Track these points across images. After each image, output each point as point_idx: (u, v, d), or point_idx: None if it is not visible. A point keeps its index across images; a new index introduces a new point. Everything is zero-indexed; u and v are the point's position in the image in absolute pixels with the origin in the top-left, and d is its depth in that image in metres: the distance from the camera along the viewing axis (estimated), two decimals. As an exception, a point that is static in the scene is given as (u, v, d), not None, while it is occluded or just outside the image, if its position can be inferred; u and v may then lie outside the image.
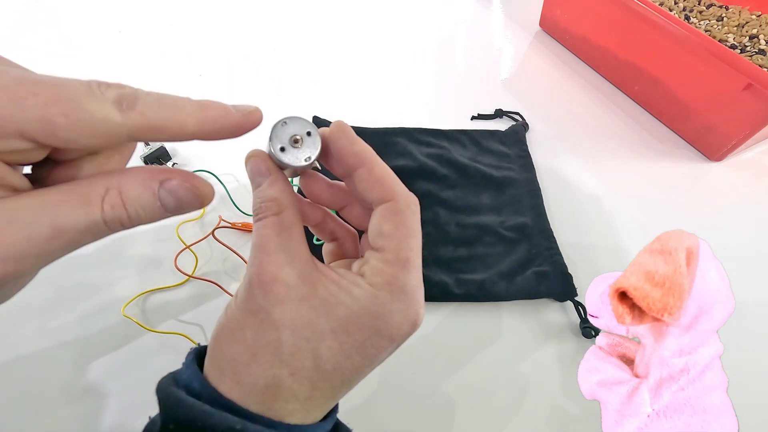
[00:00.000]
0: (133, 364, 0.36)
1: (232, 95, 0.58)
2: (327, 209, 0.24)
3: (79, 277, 0.40)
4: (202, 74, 0.61)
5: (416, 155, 0.50)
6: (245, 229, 0.43)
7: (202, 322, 0.38)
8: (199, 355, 0.20)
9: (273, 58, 0.65)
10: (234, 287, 0.40)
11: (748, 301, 0.41)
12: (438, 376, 0.36)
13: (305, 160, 0.19)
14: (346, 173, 0.21)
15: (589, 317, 0.31)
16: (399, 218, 0.20)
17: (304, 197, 0.24)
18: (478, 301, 0.40)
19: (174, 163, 0.48)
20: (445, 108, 0.59)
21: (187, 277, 0.40)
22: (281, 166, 0.20)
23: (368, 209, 0.21)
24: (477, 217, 0.46)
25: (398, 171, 0.48)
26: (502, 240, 0.44)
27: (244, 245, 0.42)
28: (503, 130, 0.56)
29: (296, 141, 0.19)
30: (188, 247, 0.41)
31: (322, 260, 0.23)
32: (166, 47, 0.65)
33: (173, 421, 0.17)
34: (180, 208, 0.17)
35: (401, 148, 0.51)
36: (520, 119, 0.57)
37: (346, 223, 0.24)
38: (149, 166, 0.17)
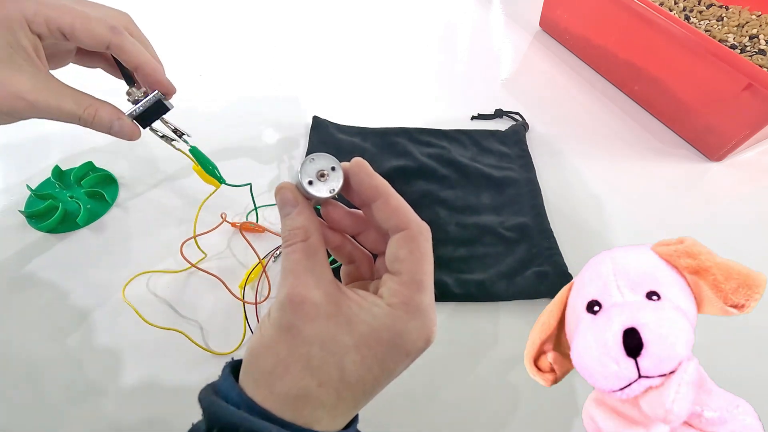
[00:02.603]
0: (132, 363, 0.36)
1: (232, 95, 0.58)
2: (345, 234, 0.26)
3: (80, 276, 0.40)
4: (202, 74, 0.61)
5: (416, 155, 0.50)
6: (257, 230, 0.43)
7: (200, 317, 0.38)
8: (233, 368, 0.22)
9: (273, 58, 0.65)
10: (234, 286, 0.40)
11: (748, 301, 0.42)
12: (438, 377, 0.36)
13: (329, 192, 0.22)
14: (364, 203, 0.23)
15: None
16: (413, 244, 0.21)
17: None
18: (478, 301, 0.40)
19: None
20: (445, 108, 0.59)
21: (190, 266, 0.40)
22: (307, 197, 0.22)
23: (383, 235, 0.23)
24: (477, 217, 0.46)
25: (398, 171, 0.49)
26: (502, 240, 0.44)
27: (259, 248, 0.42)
28: (503, 130, 0.56)
29: (322, 175, 0.22)
30: (194, 237, 0.41)
31: (340, 280, 0.25)
32: (166, 47, 0.64)
33: (217, 425, 0.18)
34: (118, 134, 0.32)
35: (401, 148, 0.51)
36: (520, 119, 0.57)
37: (362, 247, 0.26)
38: (114, 107, 0.31)
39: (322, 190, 0.22)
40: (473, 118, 0.58)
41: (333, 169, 0.22)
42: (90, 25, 0.28)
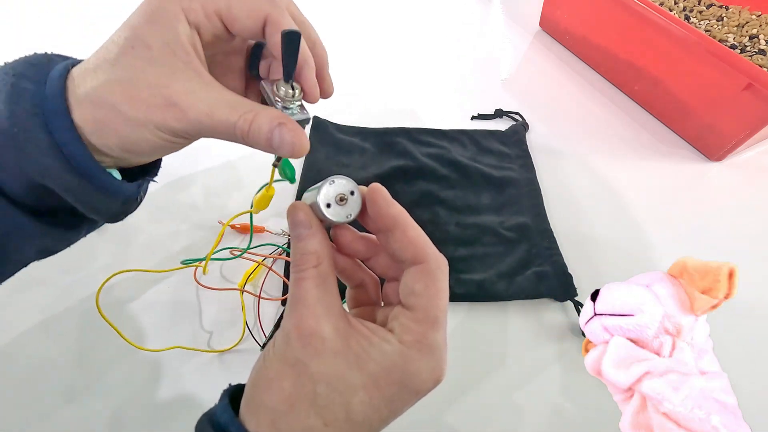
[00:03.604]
0: (132, 363, 0.36)
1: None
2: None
3: (80, 276, 0.40)
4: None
5: (416, 155, 0.50)
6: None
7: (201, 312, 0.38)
8: (232, 395, 0.21)
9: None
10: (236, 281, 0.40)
11: (749, 301, 0.41)
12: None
13: (347, 217, 0.21)
14: (379, 230, 0.22)
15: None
16: (430, 279, 0.21)
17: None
18: (478, 301, 0.40)
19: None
20: (445, 108, 0.59)
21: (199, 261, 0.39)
22: (321, 219, 0.21)
23: (395, 260, 0.22)
24: (477, 217, 0.46)
25: (398, 171, 0.49)
26: (502, 240, 0.44)
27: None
28: (503, 130, 0.56)
29: (342, 199, 0.21)
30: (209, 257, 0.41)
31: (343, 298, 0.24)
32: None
33: None
34: (280, 148, 0.21)
35: (401, 148, 0.51)
36: (520, 119, 0.57)
37: (371, 271, 0.25)
38: (278, 112, 0.21)
39: (339, 215, 0.21)
40: (473, 118, 0.58)
41: (352, 193, 0.21)
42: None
